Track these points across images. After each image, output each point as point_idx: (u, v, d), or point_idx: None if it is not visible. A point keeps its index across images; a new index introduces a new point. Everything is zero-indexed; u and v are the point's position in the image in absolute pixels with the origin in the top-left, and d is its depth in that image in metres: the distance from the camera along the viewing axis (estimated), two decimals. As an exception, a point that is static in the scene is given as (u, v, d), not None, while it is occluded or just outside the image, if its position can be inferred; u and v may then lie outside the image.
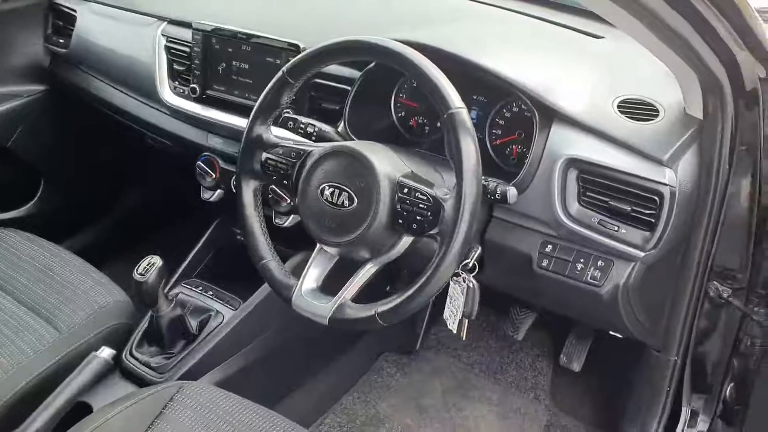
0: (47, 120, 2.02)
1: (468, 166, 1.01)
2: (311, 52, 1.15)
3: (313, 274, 1.18)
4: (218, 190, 1.63)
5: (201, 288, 1.62)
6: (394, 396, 1.92)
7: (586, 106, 1.21)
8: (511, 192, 1.10)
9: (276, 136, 1.22)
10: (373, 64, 1.37)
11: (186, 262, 1.70)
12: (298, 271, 1.20)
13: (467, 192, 1.00)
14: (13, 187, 2.04)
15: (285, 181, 1.20)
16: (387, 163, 1.10)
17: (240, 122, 1.53)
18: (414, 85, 1.45)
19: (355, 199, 1.09)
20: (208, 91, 1.57)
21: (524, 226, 1.26)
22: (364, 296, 1.14)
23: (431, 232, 1.05)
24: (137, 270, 1.37)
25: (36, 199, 2.05)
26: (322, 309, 1.12)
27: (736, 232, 1.31)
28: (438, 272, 1.02)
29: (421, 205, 1.05)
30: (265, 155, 1.21)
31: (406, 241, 1.13)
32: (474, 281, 1.19)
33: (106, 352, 1.35)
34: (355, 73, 1.40)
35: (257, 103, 1.21)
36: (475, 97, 1.36)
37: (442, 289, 1.05)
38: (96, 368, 1.31)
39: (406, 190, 1.07)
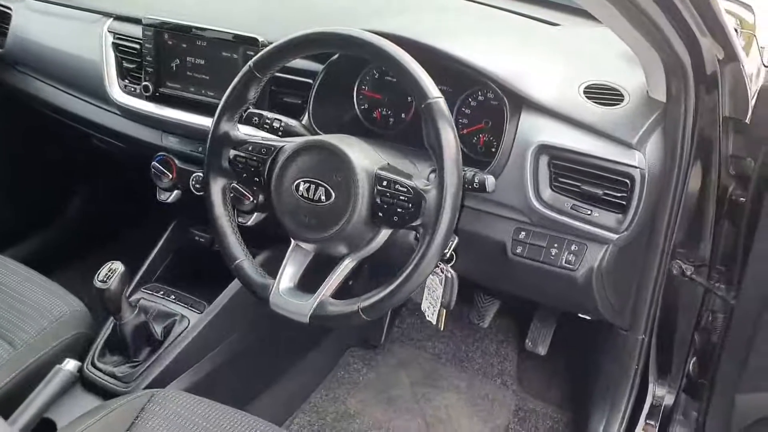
0: None
1: (449, 156, 1.00)
2: (280, 44, 1.12)
3: (289, 272, 1.15)
4: (176, 191, 1.57)
5: (162, 292, 1.57)
6: (363, 391, 1.90)
7: (553, 92, 1.22)
8: (490, 180, 1.10)
9: (244, 133, 1.19)
10: (336, 56, 1.35)
11: (144, 267, 1.63)
12: (266, 269, 1.18)
13: (449, 182, 1.00)
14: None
15: (256, 179, 1.16)
16: (363, 156, 1.08)
17: (196, 120, 1.49)
18: (376, 76, 1.43)
19: (333, 194, 1.07)
20: (162, 89, 1.51)
21: (497, 214, 1.26)
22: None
23: (413, 224, 1.04)
24: (98, 277, 1.31)
25: (-25, 208, 1.94)
26: (301, 307, 1.10)
27: (697, 212, 1.35)
28: (422, 264, 1.01)
29: (401, 197, 1.04)
30: (233, 152, 1.18)
31: (385, 234, 1.12)
32: (452, 271, 1.18)
33: (71, 365, 1.28)
34: (316, 66, 1.37)
35: (223, 100, 1.17)
36: (440, 88, 1.35)
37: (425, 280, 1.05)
38: (62, 381, 1.25)
39: (385, 183, 1.05)
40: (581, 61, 1.34)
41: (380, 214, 1.06)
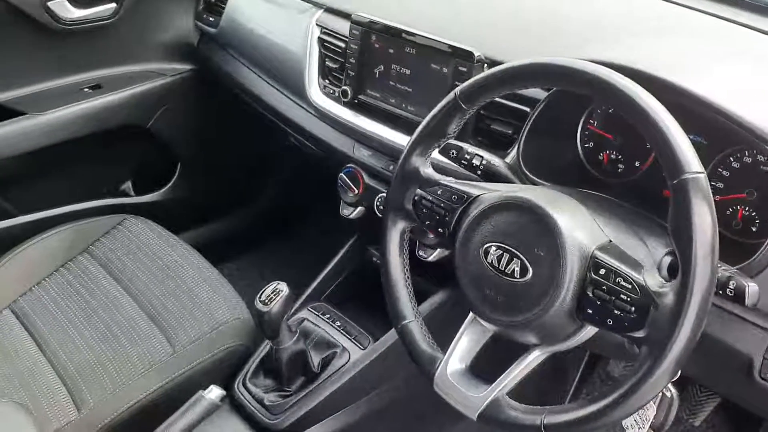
0: (190, 102, 1.90)
1: (702, 249, 0.73)
2: (493, 74, 0.90)
3: (461, 349, 0.94)
4: (359, 207, 1.42)
5: (328, 316, 1.43)
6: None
7: None
8: (752, 290, 0.80)
9: (436, 169, 0.99)
10: (563, 85, 1.10)
11: (315, 283, 1.51)
12: (438, 317, 1.02)
13: (696, 288, 0.73)
14: (149, 171, 1.95)
15: (440, 229, 0.96)
16: (579, 228, 0.84)
17: (392, 135, 1.32)
18: (610, 110, 1.16)
19: (530, 270, 0.84)
20: (361, 96, 1.35)
21: (746, 320, 0.94)
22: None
23: (633, 335, 0.78)
24: (260, 297, 1.20)
25: (170, 184, 1.94)
26: (471, 400, 0.89)
27: None
28: (641, 389, 0.76)
29: (622, 296, 0.78)
30: (419, 192, 0.98)
31: (590, 331, 0.87)
32: (673, 389, 0.91)
33: (214, 393, 1.19)
34: (537, 92, 1.13)
35: (418, 130, 0.98)
36: (690, 138, 1.05)
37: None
38: (203, 410, 1.16)
39: (602, 272, 0.80)
40: None
41: (589, 311, 0.81)
